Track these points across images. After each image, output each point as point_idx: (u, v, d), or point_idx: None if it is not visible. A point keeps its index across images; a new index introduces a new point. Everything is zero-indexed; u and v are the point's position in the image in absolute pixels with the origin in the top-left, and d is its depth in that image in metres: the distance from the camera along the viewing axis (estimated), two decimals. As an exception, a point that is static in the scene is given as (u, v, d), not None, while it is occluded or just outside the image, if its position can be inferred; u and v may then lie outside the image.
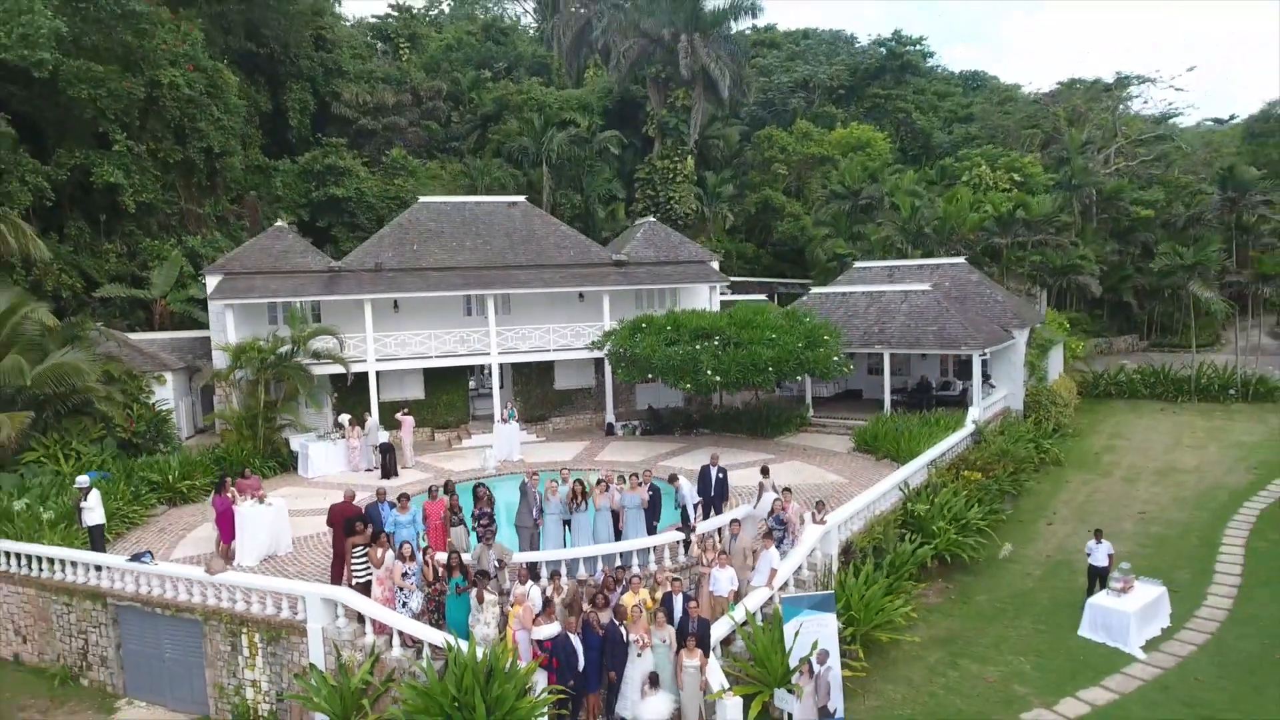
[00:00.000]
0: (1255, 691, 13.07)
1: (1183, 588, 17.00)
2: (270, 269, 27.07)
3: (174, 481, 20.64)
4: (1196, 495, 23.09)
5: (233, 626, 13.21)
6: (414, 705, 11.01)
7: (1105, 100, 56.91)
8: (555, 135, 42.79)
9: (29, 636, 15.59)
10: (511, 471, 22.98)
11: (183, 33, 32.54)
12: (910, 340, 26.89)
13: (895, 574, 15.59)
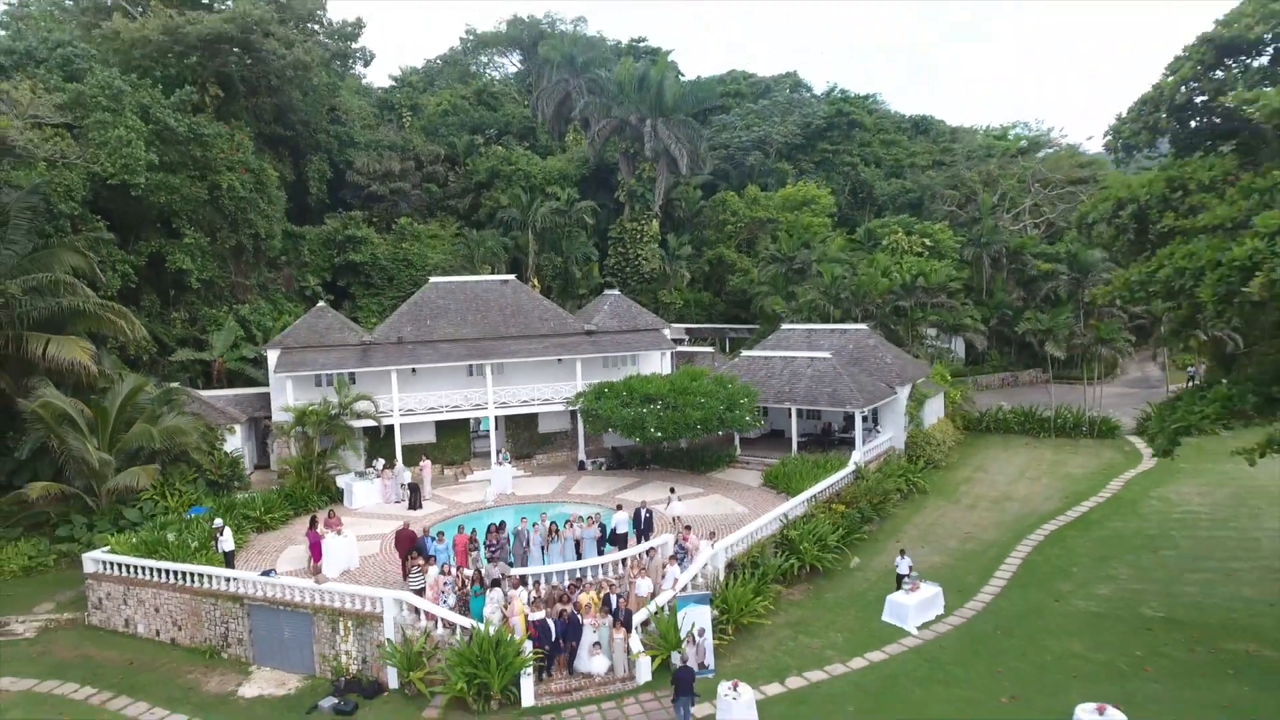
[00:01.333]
0: (972, 654, 20.90)
1: (966, 588, 24.88)
2: (317, 344, 34.65)
3: (261, 515, 28.19)
4: (1013, 519, 31.07)
5: (333, 617, 20.79)
6: (453, 661, 18.70)
7: (1019, 163, 65.27)
8: (539, 207, 50.50)
9: (184, 626, 23.08)
10: (507, 504, 30.71)
11: (236, 142, 40.02)
12: (811, 399, 34.81)
13: (763, 580, 23.37)
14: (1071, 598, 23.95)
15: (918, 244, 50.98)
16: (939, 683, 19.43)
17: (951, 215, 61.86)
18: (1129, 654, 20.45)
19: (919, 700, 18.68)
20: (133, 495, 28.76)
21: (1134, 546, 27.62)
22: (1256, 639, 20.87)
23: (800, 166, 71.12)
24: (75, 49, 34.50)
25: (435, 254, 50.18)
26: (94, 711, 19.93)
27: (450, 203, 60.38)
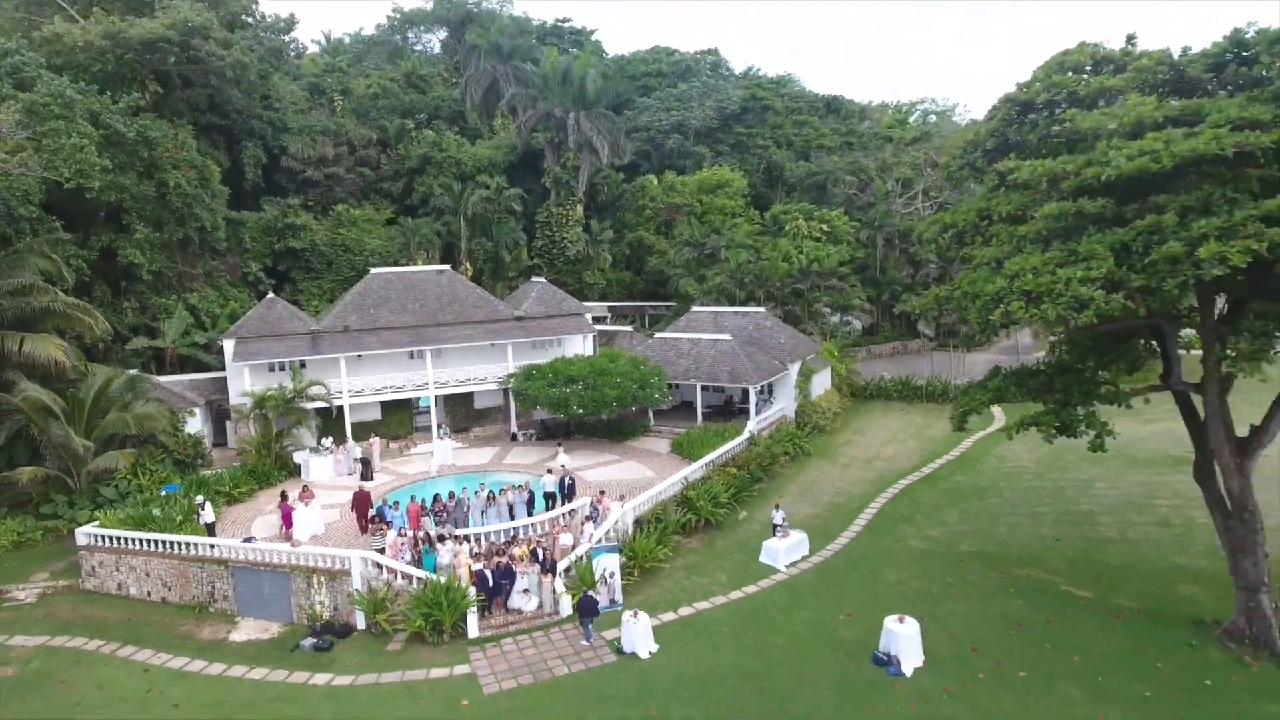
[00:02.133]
0: (824, 585, 26.51)
1: (829, 534, 30.56)
2: (269, 333, 37.95)
3: (230, 490, 31.89)
4: (877, 476, 37.04)
5: (307, 574, 25.00)
6: (412, 605, 23.26)
7: (911, 151, 71.32)
8: (470, 196, 53.89)
9: (173, 587, 26.92)
10: (449, 473, 35.07)
11: (180, 140, 42.26)
12: (714, 376, 39.99)
13: (664, 533, 28.50)
14: (909, 539, 29.90)
15: (816, 229, 56.43)
16: (796, 607, 24.97)
17: (852, 198, 67.58)
18: (943, 581, 26.39)
19: (778, 621, 24.16)
20: (108, 476, 32.08)
21: (966, 496, 33.88)
22: (1038, 566, 27.09)
23: (716, 149, 75.70)
24: (23, 57, 36.26)
25: (372, 240, 53.20)
26: (105, 659, 23.81)
27: (384, 185, 62.96)
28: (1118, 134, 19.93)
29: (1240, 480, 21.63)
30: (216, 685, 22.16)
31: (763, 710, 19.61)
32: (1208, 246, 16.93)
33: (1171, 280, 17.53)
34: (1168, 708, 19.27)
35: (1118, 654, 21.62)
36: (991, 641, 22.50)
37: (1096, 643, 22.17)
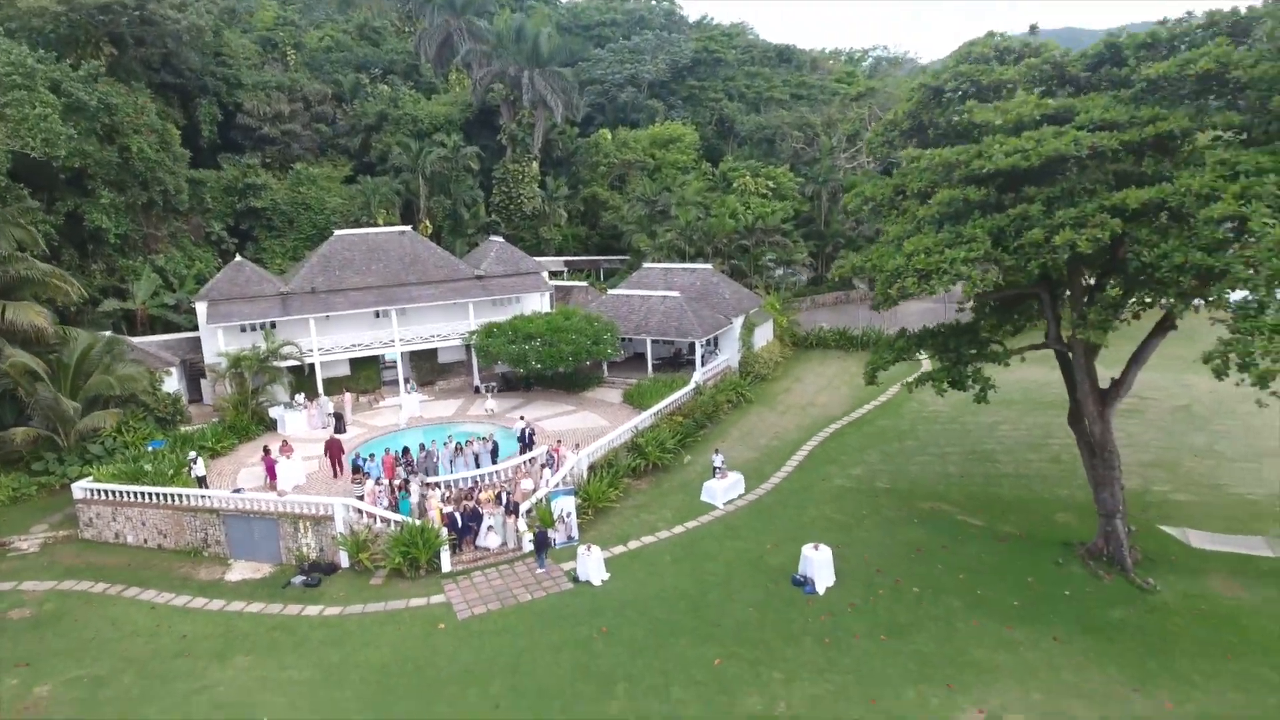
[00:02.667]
0: (755, 519, 30.04)
1: (763, 475, 34.08)
2: (239, 295, 39.69)
3: (213, 445, 34.18)
4: (811, 421, 40.63)
5: (294, 520, 27.72)
6: (390, 545, 26.22)
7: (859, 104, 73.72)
8: (428, 154, 55.16)
9: (168, 534, 29.43)
10: (417, 425, 37.72)
11: (139, 105, 42.91)
12: (663, 331, 42.92)
13: (616, 476, 31.70)
14: (833, 478, 33.59)
15: (763, 186, 58.96)
16: (729, 539, 28.50)
17: (799, 153, 70.01)
18: (858, 514, 30.13)
19: (713, 551, 27.67)
20: (95, 434, 34.11)
21: (887, 439, 37.68)
22: (941, 500, 30.96)
23: (669, 103, 77.14)
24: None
25: (333, 198, 54.39)
26: (113, 599, 26.42)
27: (340, 141, 63.64)
28: (1002, 130, 22.89)
29: (1101, 425, 25.41)
30: (218, 619, 25.00)
31: (696, 625, 23.13)
32: (1063, 234, 20.11)
33: (1035, 261, 20.76)
34: (1031, 614, 23.23)
35: (996, 571, 25.57)
36: (894, 564, 26.30)
37: (980, 562, 26.10)
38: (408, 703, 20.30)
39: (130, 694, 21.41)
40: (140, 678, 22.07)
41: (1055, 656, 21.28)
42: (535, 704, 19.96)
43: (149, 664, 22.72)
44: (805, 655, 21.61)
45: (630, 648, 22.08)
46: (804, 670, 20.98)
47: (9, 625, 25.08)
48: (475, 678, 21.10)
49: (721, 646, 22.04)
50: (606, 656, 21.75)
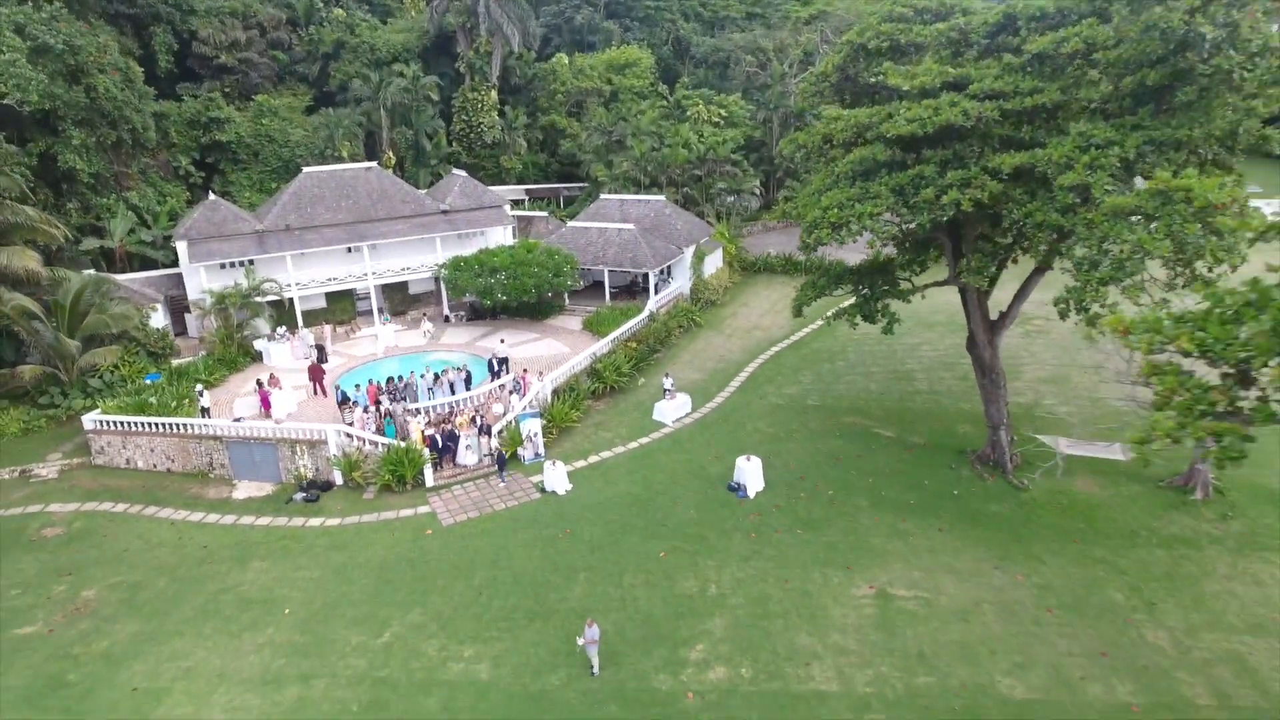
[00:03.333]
0: (700, 434, 34.22)
1: (709, 394, 38.13)
2: (217, 234, 41.75)
3: (205, 377, 37.11)
4: (754, 344, 44.57)
5: (291, 444, 31.18)
6: (379, 464, 29.95)
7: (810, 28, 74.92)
8: (388, 86, 56.13)
9: (176, 459, 32.75)
10: (394, 354, 40.91)
11: (101, 44, 43.49)
12: (619, 262, 46.04)
13: (577, 399, 35.50)
14: (769, 396, 37.79)
15: (715, 114, 61.02)
16: (676, 452, 32.69)
17: (751, 77, 71.62)
18: (789, 428, 34.44)
19: (663, 462, 31.86)
20: (94, 370, 36.82)
21: (821, 360, 41.86)
22: (861, 415, 35.36)
23: (625, 24, 77.51)
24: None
25: (296, 130, 55.44)
26: (134, 517, 29.93)
27: (298, 69, 63.84)
28: (909, 96, 26.00)
29: (990, 350, 29.65)
30: (232, 531, 28.76)
31: (645, 525, 27.45)
32: (950, 194, 23.64)
33: (925, 216, 24.32)
34: (923, 509, 27.89)
35: (899, 475, 30.17)
36: (814, 470, 30.77)
37: (886, 468, 30.67)
38: (405, 592, 24.43)
39: (166, 594, 25.25)
40: (172, 581, 25.89)
41: (937, 543, 26.03)
42: (511, 591, 24.22)
43: (177, 570, 26.52)
44: (734, 547, 26.09)
45: (590, 545, 26.36)
46: (732, 559, 25.47)
47: (46, 542, 28.60)
48: (460, 572, 25.27)
49: (666, 542, 26.42)
50: (570, 552, 26.01)
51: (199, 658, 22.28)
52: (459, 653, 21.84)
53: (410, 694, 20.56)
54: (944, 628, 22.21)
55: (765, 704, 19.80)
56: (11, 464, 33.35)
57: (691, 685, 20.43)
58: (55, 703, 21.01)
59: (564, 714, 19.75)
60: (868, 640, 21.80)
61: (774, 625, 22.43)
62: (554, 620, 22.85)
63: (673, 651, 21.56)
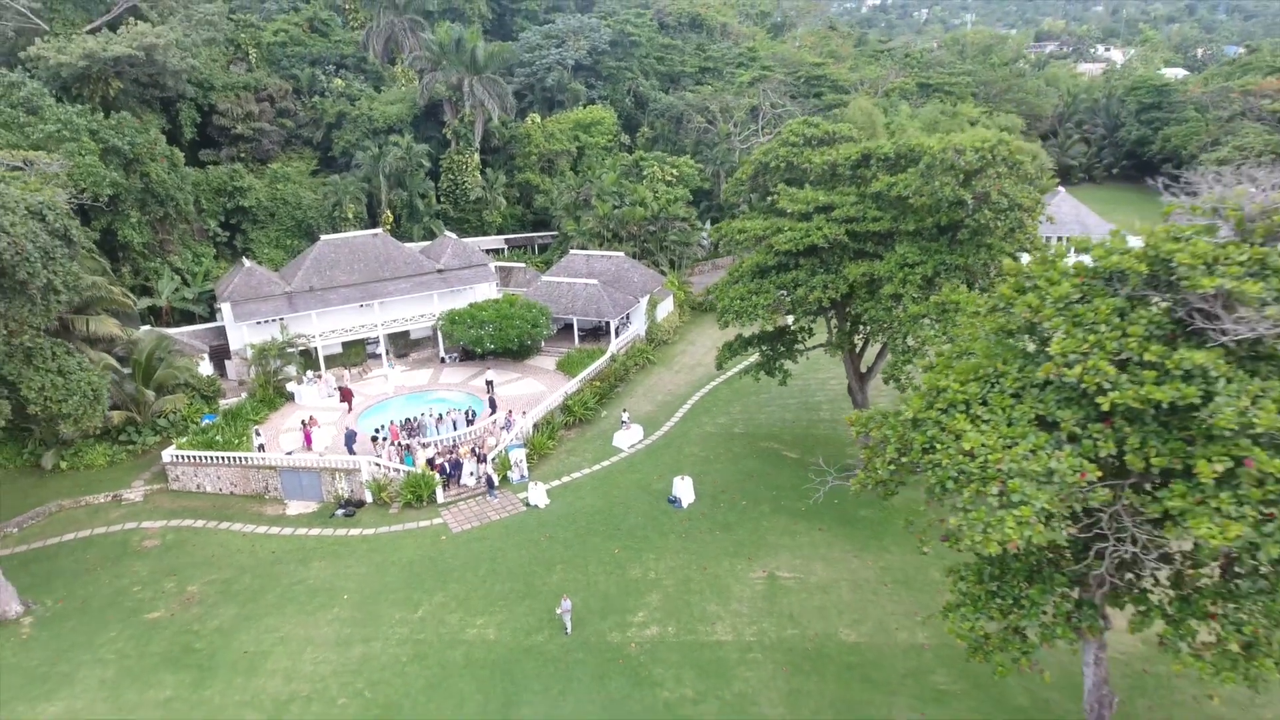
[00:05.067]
0: (649, 458, 43.64)
1: (657, 424, 47.65)
2: (254, 296, 50.43)
3: (251, 416, 45.85)
4: (697, 379, 54.15)
5: (331, 471, 40.17)
6: (402, 486, 39.12)
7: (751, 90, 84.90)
8: (386, 156, 64.94)
9: (237, 484, 41.53)
10: (402, 393, 49.92)
11: (153, 138, 51.93)
12: (585, 311, 55.44)
13: (552, 430, 44.86)
14: (705, 425, 47.40)
15: (669, 173, 70.58)
16: (630, 473, 42.14)
17: (702, 133, 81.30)
18: (717, 451, 44.04)
19: (619, 481, 41.30)
20: (161, 412, 45.42)
21: (748, 394, 51.46)
22: (774, 440, 45.12)
23: (590, 83, 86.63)
24: (31, 88, 45.07)
25: (306, 194, 64.04)
26: (211, 531, 38.68)
27: (303, 133, 72.20)
28: (792, 216, 35.79)
29: (861, 395, 39.58)
30: (292, 539, 37.70)
31: (605, 528, 36.83)
32: (815, 293, 33.46)
33: (801, 309, 34.11)
34: (811, 514, 37.43)
35: (796, 487, 39.76)
36: (733, 486, 40.40)
37: (787, 483, 40.35)
38: (430, 581, 33.63)
39: (252, 587, 34.19)
40: (255, 577, 34.83)
41: (816, 539, 35.79)
42: (507, 578, 33.55)
43: (256, 569, 35.45)
44: (669, 544, 35.64)
45: (563, 544, 35.75)
46: (668, 553, 35.01)
47: (149, 551, 37.34)
48: (469, 566, 34.53)
49: (619, 542, 35.88)
50: (549, 551, 35.38)
51: (287, 630, 31.33)
52: (473, 622, 31.15)
53: (441, 649, 29.82)
54: (810, 598, 31.98)
55: (683, 650, 29.36)
56: (104, 490, 41.90)
57: (634, 639, 29.94)
58: (190, 662, 29.95)
59: (547, 660, 29.14)
60: (756, 607, 31.48)
61: (693, 599, 32.04)
62: (539, 598, 32.24)
63: (622, 617, 31.06)
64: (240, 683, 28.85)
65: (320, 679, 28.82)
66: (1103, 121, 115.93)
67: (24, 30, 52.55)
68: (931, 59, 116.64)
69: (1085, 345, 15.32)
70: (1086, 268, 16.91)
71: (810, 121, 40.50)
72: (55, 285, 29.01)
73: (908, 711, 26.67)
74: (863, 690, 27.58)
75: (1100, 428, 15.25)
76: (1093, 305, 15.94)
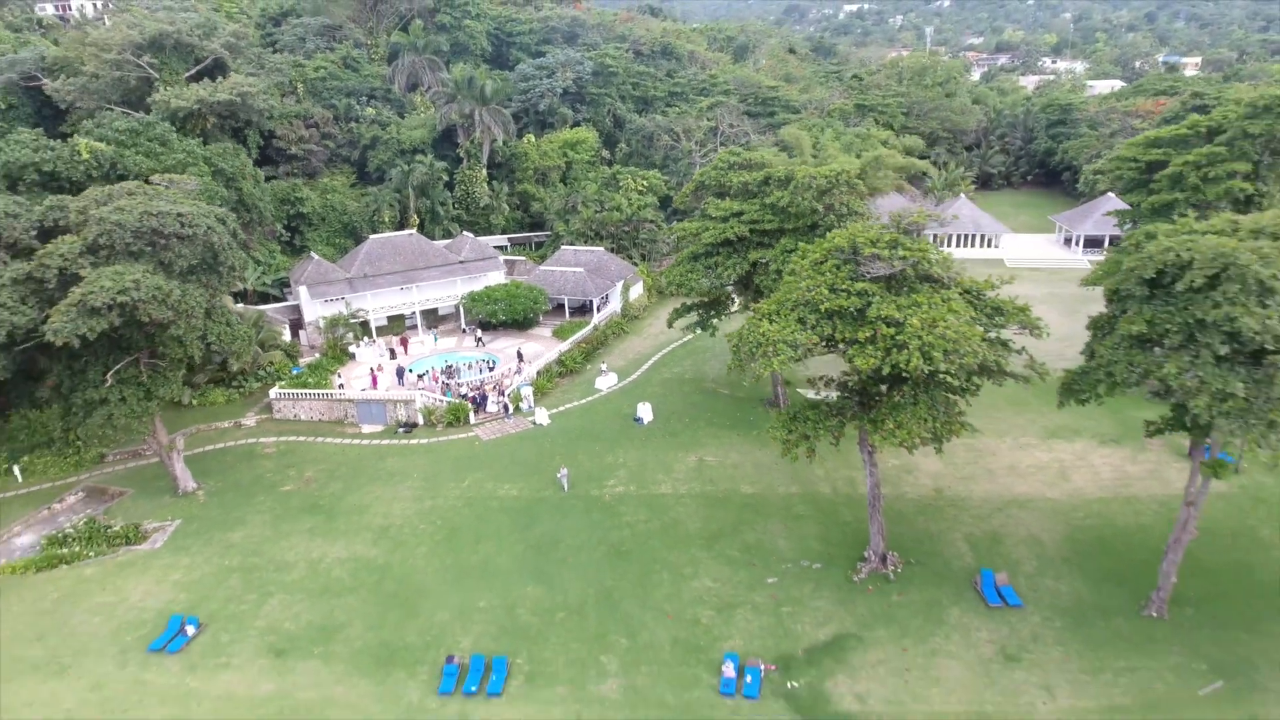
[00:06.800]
0: (621, 397, 59.32)
1: (627, 374, 63.41)
2: (323, 280, 65.91)
3: (329, 368, 61.39)
4: (659, 344, 69.71)
5: (394, 403, 55.75)
6: (446, 411, 54.88)
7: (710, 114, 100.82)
8: (413, 172, 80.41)
9: (323, 414, 57.01)
10: (436, 352, 65.67)
11: (243, 160, 67.18)
12: (573, 293, 71.17)
13: (550, 376, 60.67)
14: (663, 374, 63.25)
15: (640, 184, 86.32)
16: (607, 405, 57.87)
17: (669, 150, 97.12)
18: (671, 389, 59.93)
19: (599, 410, 57.04)
20: (261, 366, 60.89)
21: (697, 353, 67.43)
22: (715, 383, 60.91)
23: (576, 108, 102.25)
24: (162, 128, 60.41)
25: (351, 202, 79.44)
26: (310, 443, 54.15)
27: (342, 153, 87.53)
28: (714, 219, 51.73)
29: (769, 344, 55.54)
30: (369, 448, 53.28)
31: (588, 437, 52.61)
32: (727, 272, 49.47)
33: (719, 281, 50.08)
34: (733, 426, 53.35)
35: (727, 412, 55.80)
36: (681, 411, 56.24)
37: (720, 409, 56.31)
38: (471, 468, 49.26)
39: (349, 473, 49.77)
40: (349, 467, 50.41)
41: (735, 440, 51.67)
42: (523, 465, 49.31)
43: (349, 463, 51.05)
44: (633, 444, 51.45)
45: (560, 446, 51.50)
46: (632, 449, 50.77)
47: (269, 455, 52.75)
48: (496, 458, 50.26)
49: (600, 444, 51.69)
50: (550, 450, 51.12)
51: (379, 494, 47.00)
52: (501, 486, 46.92)
53: (482, 501, 45.57)
54: (724, 471, 47.98)
55: (639, 499, 45.21)
56: (227, 419, 57.25)
57: (608, 493, 45.79)
58: (319, 511, 45.58)
59: (552, 505, 44.94)
60: (688, 476, 47.41)
61: (647, 472, 47.95)
62: (545, 475, 48.02)
63: (600, 483, 46.92)
64: (355, 519, 44.56)
65: (406, 518, 44.58)
66: (1020, 135, 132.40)
67: (142, 80, 67.67)
68: (871, 82, 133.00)
69: (818, 281, 31.38)
70: (829, 246, 33.01)
71: (734, 151, 56.57)
72: (234, 266, 44.59)
73: (778, 525, 42.73)
74: (751, 515, 43.60)
75: (820, 319, 31.25)
76: (825, 264, 31.99)
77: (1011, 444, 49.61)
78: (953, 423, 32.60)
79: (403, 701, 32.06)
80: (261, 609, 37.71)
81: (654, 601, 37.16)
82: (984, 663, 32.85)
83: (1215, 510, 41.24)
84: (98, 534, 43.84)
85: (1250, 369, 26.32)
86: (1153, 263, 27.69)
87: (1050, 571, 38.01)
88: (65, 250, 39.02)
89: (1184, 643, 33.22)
